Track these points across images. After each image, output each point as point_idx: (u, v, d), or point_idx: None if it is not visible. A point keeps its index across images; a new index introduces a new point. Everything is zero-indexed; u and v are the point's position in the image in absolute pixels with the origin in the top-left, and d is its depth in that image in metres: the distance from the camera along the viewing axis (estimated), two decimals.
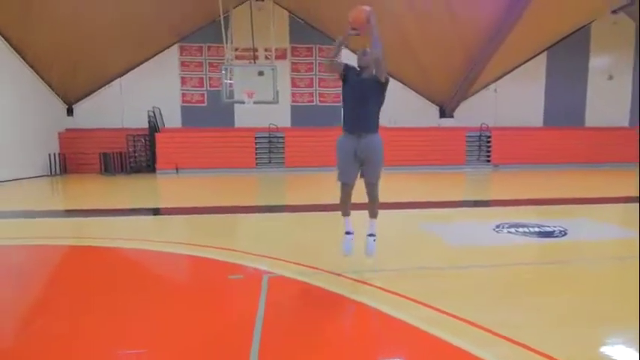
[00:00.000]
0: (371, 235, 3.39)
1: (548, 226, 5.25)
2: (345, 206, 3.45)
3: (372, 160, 3.24)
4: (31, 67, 14.00)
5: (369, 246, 3.34)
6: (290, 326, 2.52)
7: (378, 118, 3.26)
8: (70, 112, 16.55)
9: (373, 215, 3.40)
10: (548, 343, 2.24)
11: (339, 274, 3.39)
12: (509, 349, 2.20)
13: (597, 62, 18.28)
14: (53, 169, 15.09)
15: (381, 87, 3.20)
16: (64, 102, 16.31)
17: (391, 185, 9.99)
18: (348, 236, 3.46)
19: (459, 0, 13.59)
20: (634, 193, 8.74)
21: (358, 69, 3.27)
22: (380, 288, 3.09)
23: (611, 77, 18.38)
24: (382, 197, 3.48)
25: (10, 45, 12.93)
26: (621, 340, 2.40)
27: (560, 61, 17.99)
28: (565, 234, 4.89)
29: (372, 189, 3.35)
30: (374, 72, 3.22)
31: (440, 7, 13.89)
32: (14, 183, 12.23)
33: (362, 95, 3.17)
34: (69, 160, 15.77)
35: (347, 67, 3.28)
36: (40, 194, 10.29)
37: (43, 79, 14.73)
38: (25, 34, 12.89)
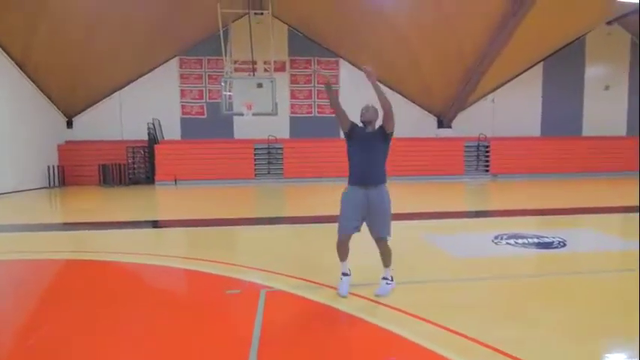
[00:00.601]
0: (384, 278, 3.29)
1: (547, 237, 5.24)
2: (342, 254, 3.34)
3: (379, 212, 3.17)
4: (31, 79, 14.09)
5: (380, 288, 3.22)
6: (287, 343, 2.49)
7: (385, 169, 3.24)
8: (69, 124, 16.61)
9: (387, 265, 3.30)
10: None
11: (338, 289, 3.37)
12: None
13: (593, 72, 18.47)
14: (52, 181, 15.08)
15: (386, 138, 3.23)
16: (64, 114, 16.37)
17: (390, 195, 9.90)
18: (344, 278, 3.31)
19: (457, 12, 13.76)
20: (634, 203, 8.74)
21: (362, 125, 3.30)
22: (380, 303, 3.06)
23: (607, 87, 18.55)
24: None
25: (11, 57, 13.04)
26: (620, 356, 2.37)
27: (557, 72, 18.17)
28: (564, 245, 4.88)
29: (381, 244, 3.25)
30: (376, 127, 3.26)
31: (439, 20, 14.07)
32: (13, 195, 12.20)
33: (369, 148, 3.19)
34: (68, 172, 15.77)
35: (353, 125, 3.31)
36: (39, 207, 10.26)
37: (43, 91, 14.81)
38: (26, 47, 13.01)
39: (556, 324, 2.69)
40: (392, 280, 3.30)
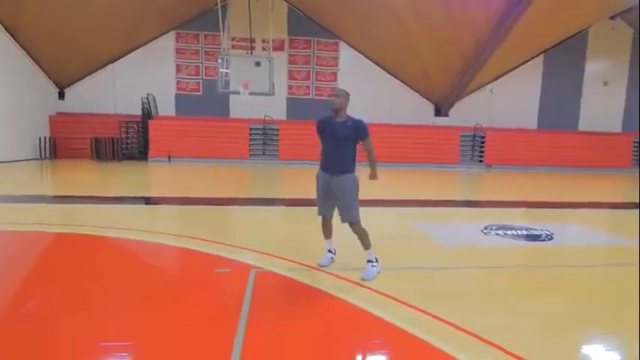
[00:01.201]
0: (369, 261, 3.35)
1: (536, 230, 5.31)
2: (324, 232, 3.60)
3: (341, 199, 3.30)
4: (23, 48, 13.72)
5: (366, 272, 3.29)
6: (274, 322, 2.52)
7: (351, 159, 3.32)
8: (61, 95, 16.28)
9: (365, 247, 3.37)
10: (531, 349, 2.27)
11: (328, 272, 3.41)
12: (493, 355, 2.23)
13: (593, 67, 18.40)
14: (43, 153, 14.88)
15: (357, 138, 3.30)
16: (56, 85, 16.03)
17: (383, 182, 9.99)
18: (328, 254, 3.61)
19: (459, 1, 13.52)
20: (623, 199, 8.86)
21: (332, 111, 3.35)
22: (368, 288, 3.10)
23: (606, 83, 18.53)
24: (374, 193, 3.47)
25: (2, 25, 12.65)
26: (603, 347, 2.44)
27: (557, 65, 18.08)
28: (551, 238, 4.95)
29: (352, 228, 3.34)
30: (348, 121, 3.30)
31: (440, 8, 13.83)
32: (2, 166, 12.03)
33: (335, 139, 3.28)
34: (59, 144, 15.55)
35: (321, 123, 3.39)
36: (30, 178, 10.15)
37: (34, 60, 14.45)
38: (18, 14, 12.60)
39: (538, 314, 2.75)
40: (376, 261, 3.36)
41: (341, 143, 3.27)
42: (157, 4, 14.47)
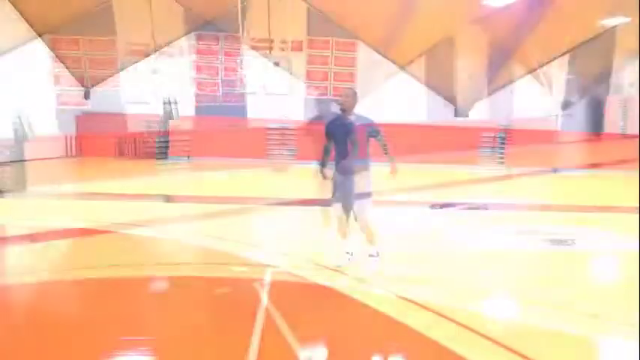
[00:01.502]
0: (371, 255, 3.38)
1: (558, 234, 5.17)
2: (340, 233, 3.59)
3: (352, 196, 3.33)
4: (49, 48, 14.24)
5: (368, 265, 3.33)
6: (287, 321, 2.55)
7: (362, 158, 3.35)
8: (86, 95, 16.78)
9: (371, 243, 3.41)
10: (548, 356, 2.23)
11: (344, 273, 3.42)
12: (508, 358, 2.20)
13: (621, 67, 17.73)
14: (69, 152, 15.39)
15: (369, 135, 3.35)
16: (82, 85, 16.54)
17: (402, 183, 9.87)
18: (345, 255, 3.59)
19: None
20: (634, 202, 8.53)
21: (340, 111, 3.44)
22: (383, 288, 3.10)
23: (632, 84, 17.85)
24: (392, 194, 3.48)
25: (29, 23, 13.16)
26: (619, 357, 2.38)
27: (583, 64, 17.50)
28: (573, 243, 4.82)
29: (362, 225, 3.38)
30: (357, 121, 3.35)
31: (460, 6, 13.63)
32: (30, 164, 12.49)
33: (345, 139, 3.34)
34: (85, 142, 16.05)
35: (330, 124, 3.50)
36: (58, 175, 10.51)
37: (61, 61, 14.97)
38: (43, 16, 13.09)
39: (552, 320, 2.69)
40: (377, 255, 3.39)
41: (351, 141, 3.30)
42: (178, 5, 14.76)
